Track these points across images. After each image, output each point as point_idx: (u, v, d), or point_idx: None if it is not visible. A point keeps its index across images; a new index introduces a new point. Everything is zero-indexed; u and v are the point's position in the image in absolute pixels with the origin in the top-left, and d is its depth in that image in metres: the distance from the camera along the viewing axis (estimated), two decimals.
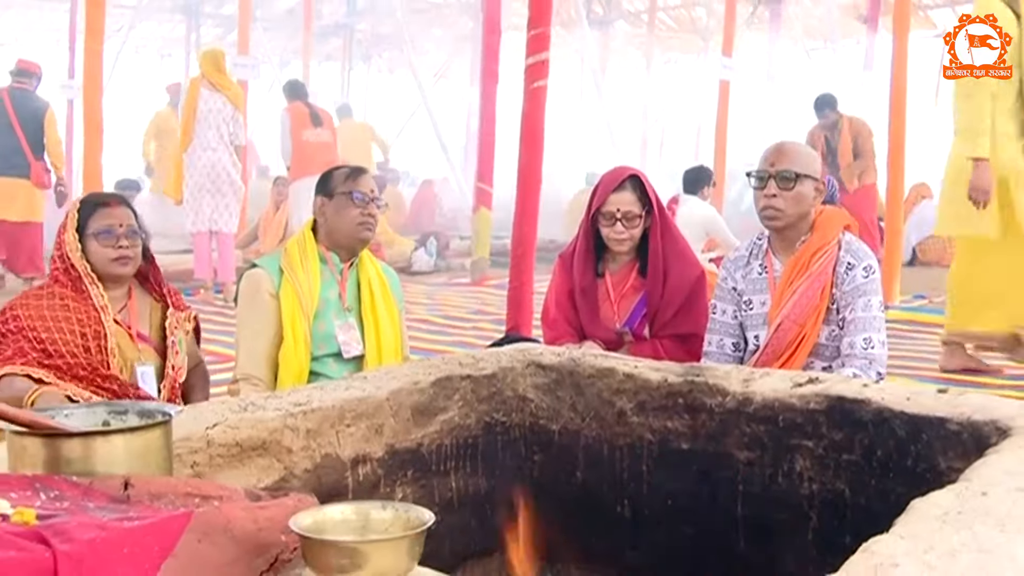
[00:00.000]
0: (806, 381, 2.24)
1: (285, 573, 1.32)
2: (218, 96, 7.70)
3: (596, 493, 2.50)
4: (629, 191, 3.25)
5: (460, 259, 10.41)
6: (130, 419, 1.61)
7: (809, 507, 2.19)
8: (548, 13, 4.48)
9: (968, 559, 1.33)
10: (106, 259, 2.84)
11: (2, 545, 1.10)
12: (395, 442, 2.36)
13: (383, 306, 3.15)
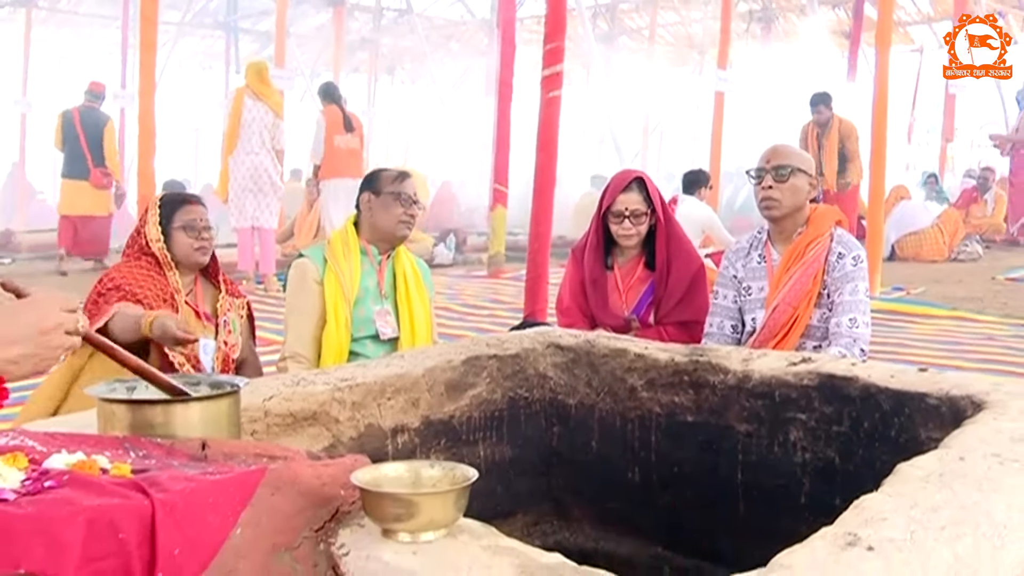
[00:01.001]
0: (800, 360, 2.27)
1: (346, 522, 1.36)
2: (261, 105, 7.74)
3: (609, 461, 2.52)
4: (635, 192, 3.29)
5: (477, 254, 10.43)
6: (202, 390, 1.66)
7: (803, 474, 2.21)
8: (563, 29, 4.52)
9: (949, 514, 1.37)
10: (189, 248, 2.98)
11: (108, 493, 1.15)
12: (430, 414, 2.39)
13: (416, 295, 3.20)
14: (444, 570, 1.22)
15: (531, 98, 8.37)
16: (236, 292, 3.20)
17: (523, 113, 8.35)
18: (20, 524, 1.06)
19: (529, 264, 4.79)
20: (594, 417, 2.55)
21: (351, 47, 17.18)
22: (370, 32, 17.82)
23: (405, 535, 1.28)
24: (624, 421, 2.49)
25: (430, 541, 1.29)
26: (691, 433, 2.38)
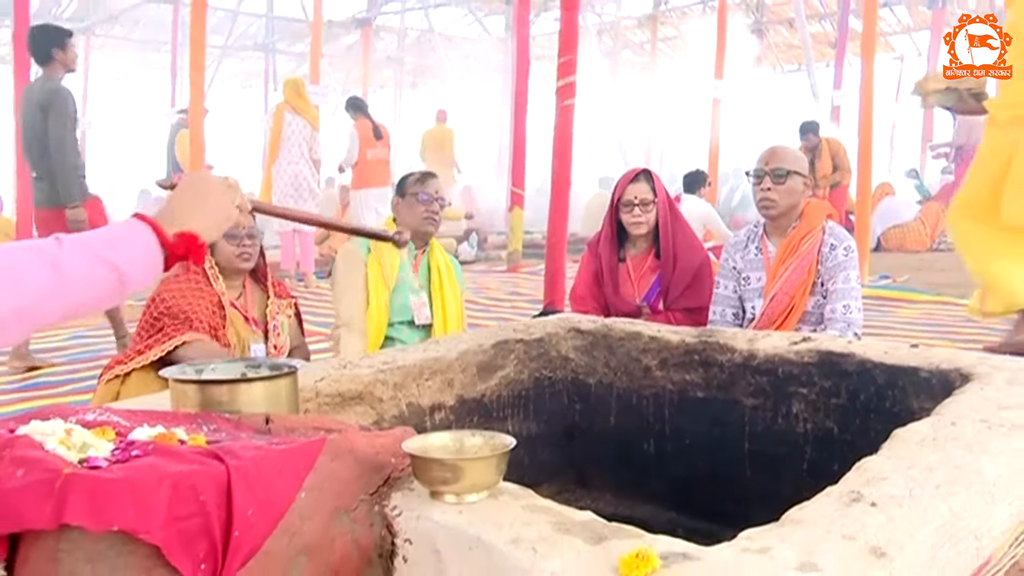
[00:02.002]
0: (801, 340, 2.27)
1: (397, 486, 1.38)
2: (299, 118, 7.77)
3: (626, 434, 2.53)
4: (643, 182, 3.30)
5: (497, 251, 10.44)
6: (263, 371, 1.68)
7: (804, 443, 2.22)
8: (575, 43, 4.54)
9: (943, 473, 1.38)
10: (231, 255, 2.90)
11: (188, 460, 1.17)
12: (463, 393, 2.41)
13: (449, 287, 3.22)
14: (487, 527, 1.24)
15: (543, 108, 8.39)
16: (283, 293, 3.16)
17: (536, 122, 8.37)
18: (112, 488, 1.09)
19: (547, 259, 4.81)
20: (612, 395, 2.56)
21: (378, 65, 17.22)
22: (395, 51, 17.85)
23: (451, 497, 1.30)
24: (640, 398, 2.51)
25: (474, 502, 1.31)
26: (701, 408, 2.39)
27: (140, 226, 1.25)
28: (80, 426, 1.27)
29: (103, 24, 14.68)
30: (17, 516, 1.09)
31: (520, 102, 8.23)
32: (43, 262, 1.10)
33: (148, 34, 15.96)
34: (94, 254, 1.15)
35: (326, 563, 1.27)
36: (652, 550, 1.13)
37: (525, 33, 8.49)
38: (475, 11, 17.07)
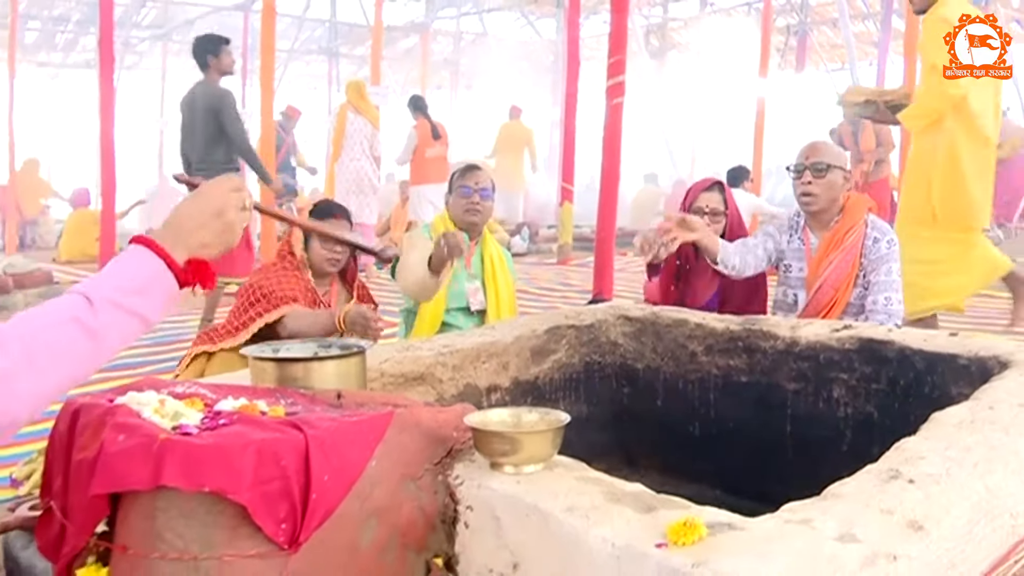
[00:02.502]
0: (842, 327, 2.26)
1: (459, 458, 1.42)
2: (360, 118, 7.86)
3: (672, 417, 2.54)
4: (716, 192, 3.24)
5: (547, 244, 10.45)
6: (334, 351, 1.74)
7: (844, 426, 2.21)
8: (624, 44, 4.53)
9: (980, 453, 1.38)
10: (322, 258, 2.93)
11: (270, 429, 1.22)
12: (518, 376, 2.44)
13: (501, 275, 3.25)
14: (544, 496, 1.27)
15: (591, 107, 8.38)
16: (365, 297, 3.17)
17: (585, 121, 8.35)
18: (204, 453, 1.14)
19: (596, 251, 4.82)
20: (659, 379, 2.57)
21: (435, 67, 17.30)
22: (451, 54, 17.92)
23: (510, 468, 1.34)
24: (685, 382, 2.51)
25: (531, 473, 1.34)
26: (745, 392, 2.39)
27: (159, 265, 1.24)
28: (171, 397, 1.33)
29: (179, 30, 14.95)
30: (119, 477, 1.15)
31: (570, 101, 8.23)
32: (82, 334, 1.13)
33: None
34: (124, 311, 1.17)
35: (394, 526, 1.31)
36: (699, 519, 1.15)
37: (575, 35, 8.46)
38: (527, 15, 17.06)
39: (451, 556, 1.37)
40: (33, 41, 14.92)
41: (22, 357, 1.07)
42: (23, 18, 11.66)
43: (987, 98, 4.02)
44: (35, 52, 15.52)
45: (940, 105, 3.94)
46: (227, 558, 1.15)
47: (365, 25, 14.30)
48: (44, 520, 1.34)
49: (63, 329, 1.12)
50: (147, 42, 15.55)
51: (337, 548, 1.23)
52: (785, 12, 14.34)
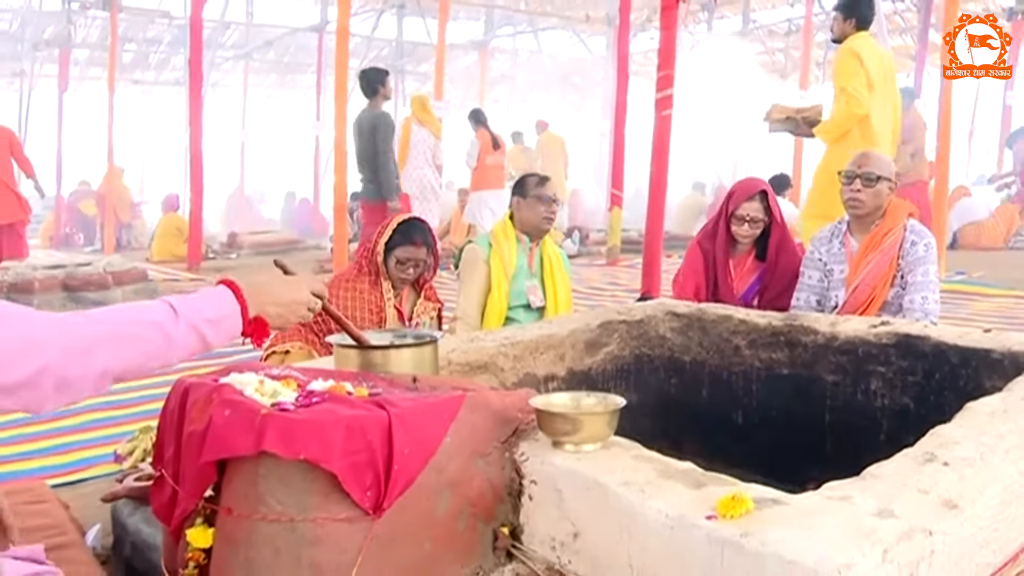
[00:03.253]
0: (880, 323, 2.25)
1: (524, 437, 1.46)
2: (424, 130, 7.95)
3: (717, 406, 2.54)
4: (758, 201, 3.19)
5: (597, 246, 10.43)
6: (408, 339, 1.79)
7: (881, 416, 2.20)
8: (672, 59, 4.53)
9: (1013, 440, 1.37)
10: (395, 274, 2.95)
11: (357, 407, 1.28)
12: (573, 366, 2.47)
13: (559, 274, 3.29)
14: (602, 471, 1.30)
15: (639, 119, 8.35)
16: (432, 297, 3.18)
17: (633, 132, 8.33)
18: (300, 426, 1.20)
19: (645, 252, 4.82)
20: (704, 371, 2.57)
21: (493, 82, 17.37)
22: (508, 69, 17.98)
23: (570, 446, 1.37)
24: (729, 374, 2.51)
25: (590, 451, 1.37)
26: (786, 383, 2.38)
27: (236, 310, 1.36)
28: (268, 378, 1.39)
29: (259, 50, 15.28)
30: (226, 446, 1.22)
31: (620, 113, 8.21)
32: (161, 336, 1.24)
33: (296, 58, 16.53)
34: (197, 332, 1.29)
35: (466, 497, 1.36)
36: (746, 494, 1.17)
37: (625, 51, 8.44)
38: (579, 32, 17.03)
39: (516, 526, 1.41)
40: (129, 61, 15.37)
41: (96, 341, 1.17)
42: (121, 40, 12.03)
43: (885, 117, 4.57)
44: (131, 71, 15.99)
45: (848, 123, 4.48)
46: (320, 520, 1.21)
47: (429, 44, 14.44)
48: (157, 486, 1.41)
49: (149, 328, 1.24)
50: (230, 61, 15.91)
51: (416, 515, 1.28)
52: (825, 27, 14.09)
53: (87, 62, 15.46)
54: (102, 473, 2.77)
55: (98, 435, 3.20)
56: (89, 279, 6.67)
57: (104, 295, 6.61)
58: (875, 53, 4.53)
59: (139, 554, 2.02)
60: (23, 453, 3.04)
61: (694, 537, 1.14)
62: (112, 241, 11.30)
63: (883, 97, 4.53)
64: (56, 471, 2.83)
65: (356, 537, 1.22)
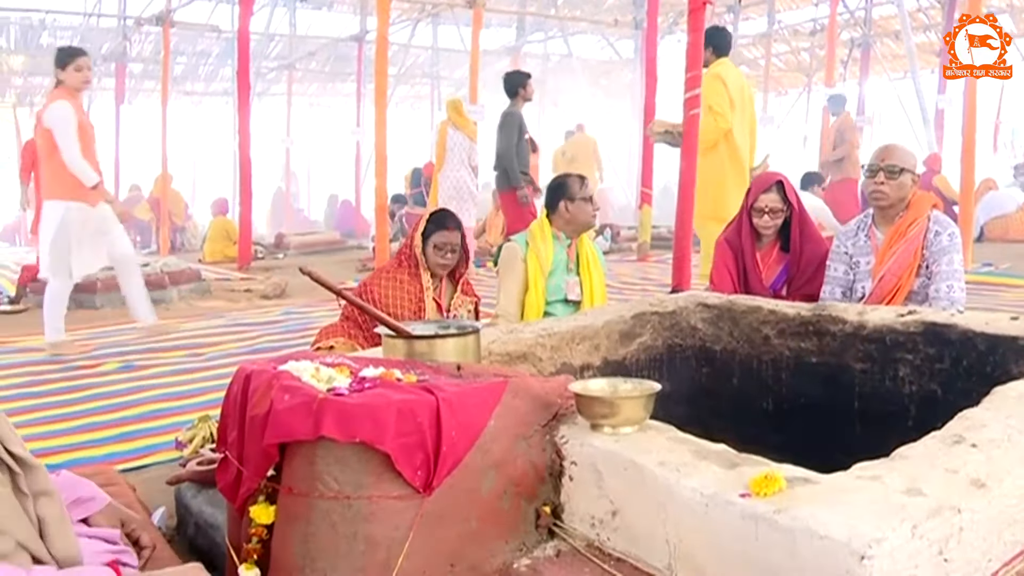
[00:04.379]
0: (907, 312, 2.23)
1: (564, 420, 1.48)
2: (459, 133, 7.97)
3: (747, 394, 2.53)
4: (775, 192, 3.17)
5: (628, 243, 10.39)
6: (452, 330, 1.82)
7: (909, 403, 2.18)
8: (700, 60, 4.51)
9: None
10: (435, 261, 2.99)
11: (407, 392, 1.31)
12: (607, 356, 2.48)
13: (595, 269, 3.30)
14: (639, 452, 1.32)
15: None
16: (469, 292, 3.20)
17: None
18: (354, 410, 1.23)
19: (675, 247, 4.82)
20: (735, 360, 2.56)
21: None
22: (539, 74, 17.95)
23: (608, 429, 1.39)
24: (759, 363, 2.50)
25: (627, 433, 1.39)
26: (815, 371, 2.37)
27: None
28: (323, 366, 1.43)
29: (302, 60, 15.44)
30: (286, 430, 1.26)
31: (648, 114, 8.16)
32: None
33: (337, 67, 16.70)
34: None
35: (509, 477, 1.38)
36: (779, 473, 1.18)
37: (653, 54, 8.40)
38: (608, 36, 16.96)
39: (557, 504, 1.43)
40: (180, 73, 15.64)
41: None
42: (172, 54, 12.23)
43: (744, 131, 5.27)
44: (182, 83, 16.26)
45: (715, 136, 5.11)
46: (374, 498, 1.24)
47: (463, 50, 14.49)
48: (222, 467, 1.46)
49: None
50: (275, 71, 16.11)
51: (463, 494, 1.31)
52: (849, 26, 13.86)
53: (141, 75, 15.75)
54: (164, 459, 2.84)
55: (160, 424, 3.28)
56: (148, 279, 6.79)
57: (161, 294, 6.77)
58: (735, 77, 5.27)
59: (202, 533, 2.08)
60: (94, 440, 3.13)
61: (729, 514, 1.15)
62: (167, 243, 11.52)
63: (742, 114, 5.22)
64: (123, 457, 2.91)
65: (407, 514, 1.25)
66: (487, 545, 1.36)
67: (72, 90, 4.57)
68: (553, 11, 15.44)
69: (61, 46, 5.02)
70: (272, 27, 14.89)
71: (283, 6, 14.58)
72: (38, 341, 5.05)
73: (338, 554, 1.25)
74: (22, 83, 15.63)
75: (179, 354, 4.66)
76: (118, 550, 1.38)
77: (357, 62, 13.44)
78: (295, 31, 15.00)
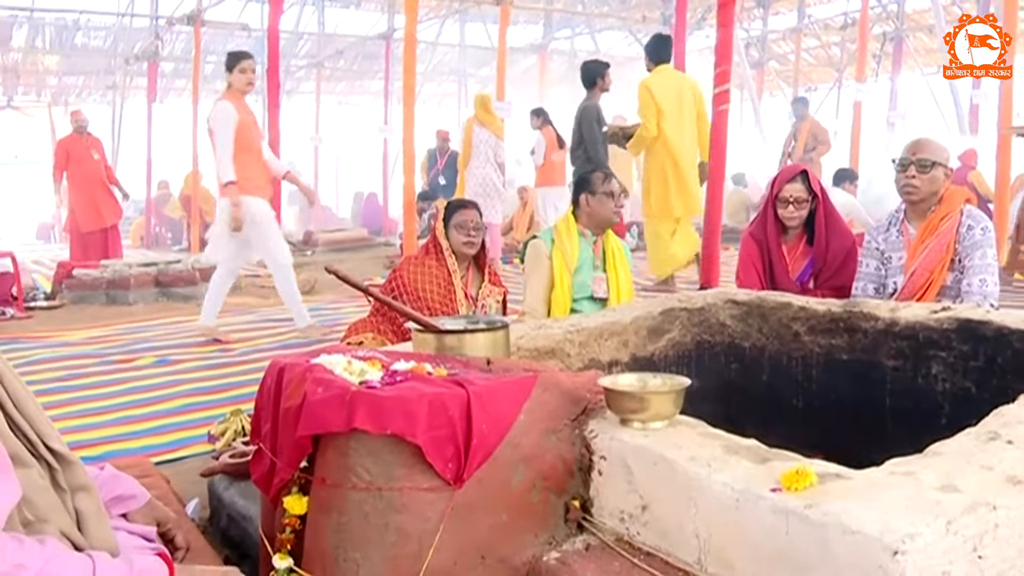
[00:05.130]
0: (940, 308, 2.20)
1: (593, 415, 1.48)
2: (485, 130, 7.98)
3: (777, 391, 2.51)
4: (799, 182, 3.16)
5: None
6: (481, 325, 1.83)
7: (943, 400, 2.15)
8: (730, 55, 4.46)
9: None
10: (459, 242, 3.06)
11: (438, 385, 1.32)
12: (636, 352, 2.47)
13: (621, 265, 3.29)
14: (669, 447, 1.32)
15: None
16: (496, 282, 3.25)
17: None
18: (387, 402, 1.25)
19: (703, 244, 4.79)
20: (764, 356, 2.54)
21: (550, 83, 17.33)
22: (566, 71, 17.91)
23: (638, 423, 1.39)
24: (789, 359, 2.48)
25: (657, 428, 1.39)
26: (845, 368, 2.34)
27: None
28: (355, 359, 1.45)
29: (331, 58, 15.55)
30: (320, 422, 1.28)
31: None
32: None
33: (365, 65, 16.80)
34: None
35: (539, 471, 1.39)
36: (810, 468, 1.17)
37: (681, 50, 8.33)
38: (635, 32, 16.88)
39: (586, 499, 1.44)
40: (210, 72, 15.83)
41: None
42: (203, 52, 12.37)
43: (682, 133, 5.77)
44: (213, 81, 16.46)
45: (643, 142, 5.84)
46: (405, 489, 1.25)
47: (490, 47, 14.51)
48: (256, 458, 1.48)
49: None
50: (303, 70, 16.24)
51: (493, 487, 1.32)
52: (881, 20, 13.66)
53: (173, 74, 15.96)
54: (197, 452, 2.89)
55: (193, 417, 3.33)
56: (179, 276, 6.95)
57: (192, 290, 6.87)
58: (666, 84, 5.78)
59: (234, 524, 2.12)
60: (130, 433, 3.19)
61: (759, 508, 1.15)
62: (198, 240, 11.66)
63: (679, 117, 5.74)
64: (158, 449, 2.97)
65: (438, 505, 1.27)
66: (517, 538, 1.37)
67: (238, 92, 4.91)
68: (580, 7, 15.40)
69: (231, 51, 5.32)
70: (301, 25, 15.01)
71: (312, 4, 14.70)
72: (75, 336, 5.15)
73: (370, 544, 1.27)
74: (57, 83, 15.91)
75: (210, 349, 4.74)
76: (155, 547, 1.41)
77: (385, 60, 13.49)
78: (324, 29, 15.11)
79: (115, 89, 14.88)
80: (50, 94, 16.20)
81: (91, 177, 8.27)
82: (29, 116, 16.37)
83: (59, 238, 14.34)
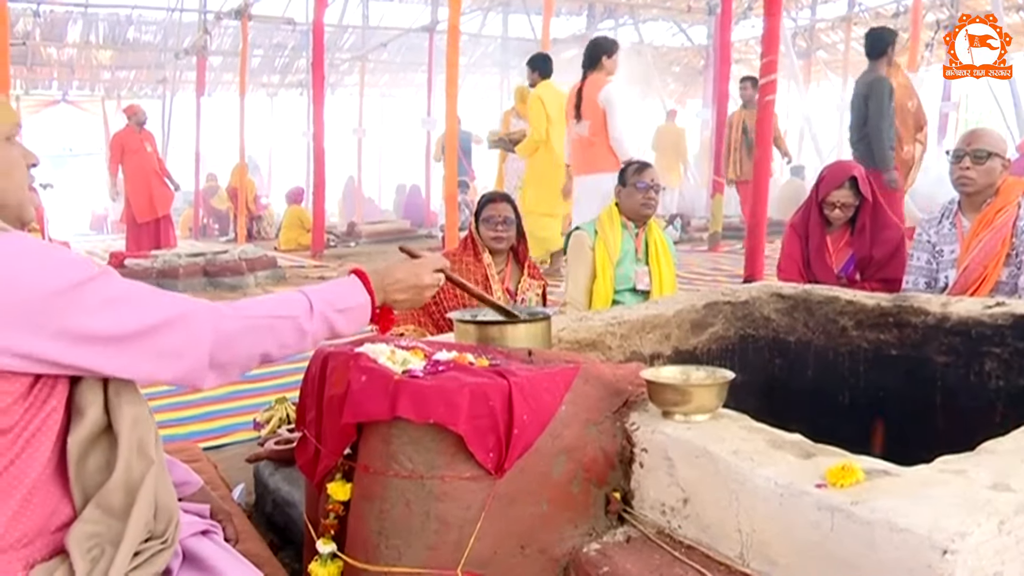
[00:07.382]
0: (994, 304, 2.14)
1: (634, 407, 1.48)
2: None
3: (822, 386, 2.47)
4: (847, 188, 3.09)
5: (699, 233, 10.25)
6: (524, 316, 1.83)
7: (996, 398, 2.09)
8: (776, 45, 4.40)
9: None
10: (488, 237, 3.04)
11: (479, 375, 1.33)
12: (678, 345, 2.45)
13: (664, 259, 3.26)
14: (712, 440, 1.31)
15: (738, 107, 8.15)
16: (536, 275, 3.21)
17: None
18: (429, 391, 1.26)
19: (748, 236, 4.73)
20: (810, 351, 2.50)
21: None
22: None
23: (680, 416, 1.38)
24: (836, 355, 2.44)
25: (700, 421, 1.38)
26: (894, 364, 2.29)
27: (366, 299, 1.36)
28: (398, 348, 1.46)
29: (374, 51, 15.66)
30: (363, 410, 1.29)
31: (722, 101, 8.02)
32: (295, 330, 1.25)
33: (409, 58, 16.87)
34: (328, 324, 1.29)
35: (579, 462, 1.39)
36: (856, 464, 1.16)
37: (727, 39, 8.23)
38: (680, 23, 16.68)
39: (627, 491, 1.44)
40: (256, 66, 16.06)
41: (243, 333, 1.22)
42: (250, 46, 12.57)
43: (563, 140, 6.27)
44: (259, 75, 16.71)
45: (533, 145, 6.57)
46: (447, 478, 1.26)
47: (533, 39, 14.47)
48: (301, 445, 1.51)
49: (286, 322, 1.25)
50: (347, 63, 16.38)
51: (534, 477, 1.33)
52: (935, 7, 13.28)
53: (220, 68, 16.23)
54: (243, 439, 2.95)
55: (239, 405, 3.40)
56: (226, 266, 7.08)
57: (239, 280, 7.00)
58: (555, 96, 6.46)
59: (279, 510, 2.16)
60: (178, 419, 3.27)
61: (803, 504, 1.13)
62: (244, 232, 11.87)
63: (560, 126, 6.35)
64: (205, 436, 3.03)
65: (479, 495, 1.28)
66: (557, 529, 1.37)
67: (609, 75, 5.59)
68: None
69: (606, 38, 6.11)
70: (345, 19, 15.13)
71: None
72: None
73: (411, 532, 1.28)
74: (110, 77, 16.28)
75: None
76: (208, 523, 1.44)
77: (428, 52, 13.54)
78: (367, 23, 15.21)
79: (165, 83, 15.18)
80: (103, 88, 16.59)
81: (145, 169, 8.51)
82: (84, 110, 16.79)
83: (112, 229, 14.72)
